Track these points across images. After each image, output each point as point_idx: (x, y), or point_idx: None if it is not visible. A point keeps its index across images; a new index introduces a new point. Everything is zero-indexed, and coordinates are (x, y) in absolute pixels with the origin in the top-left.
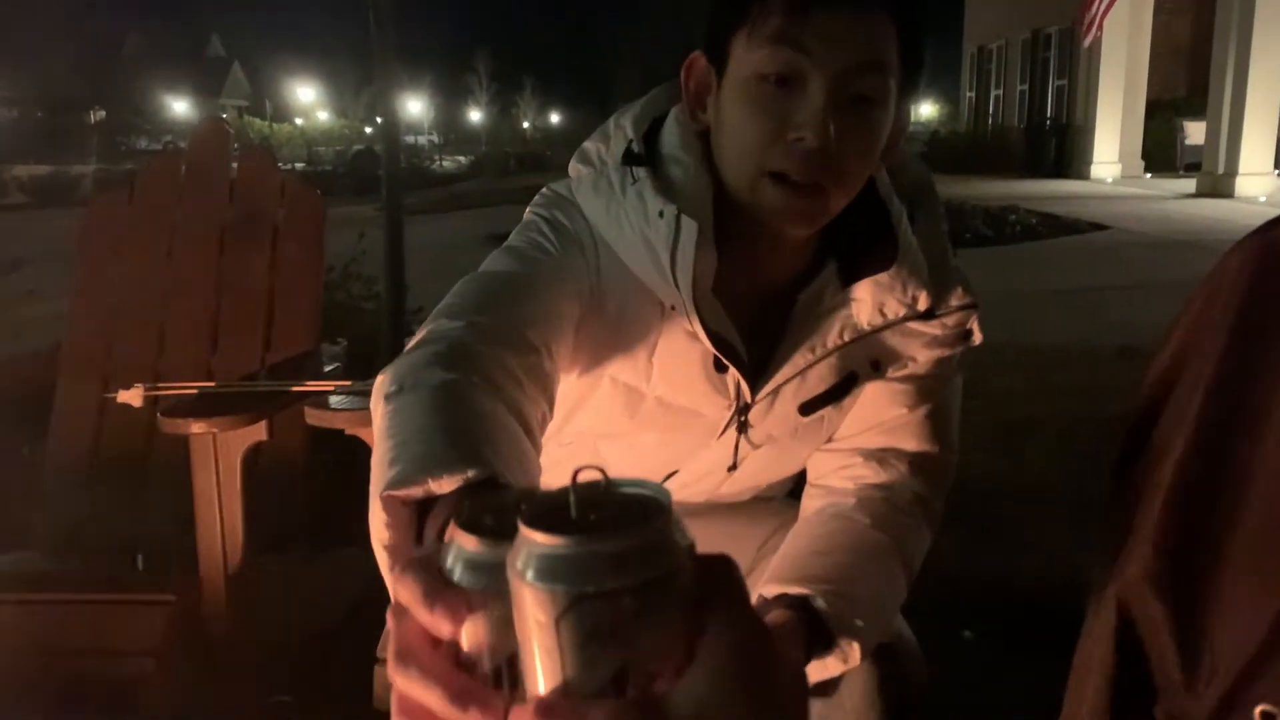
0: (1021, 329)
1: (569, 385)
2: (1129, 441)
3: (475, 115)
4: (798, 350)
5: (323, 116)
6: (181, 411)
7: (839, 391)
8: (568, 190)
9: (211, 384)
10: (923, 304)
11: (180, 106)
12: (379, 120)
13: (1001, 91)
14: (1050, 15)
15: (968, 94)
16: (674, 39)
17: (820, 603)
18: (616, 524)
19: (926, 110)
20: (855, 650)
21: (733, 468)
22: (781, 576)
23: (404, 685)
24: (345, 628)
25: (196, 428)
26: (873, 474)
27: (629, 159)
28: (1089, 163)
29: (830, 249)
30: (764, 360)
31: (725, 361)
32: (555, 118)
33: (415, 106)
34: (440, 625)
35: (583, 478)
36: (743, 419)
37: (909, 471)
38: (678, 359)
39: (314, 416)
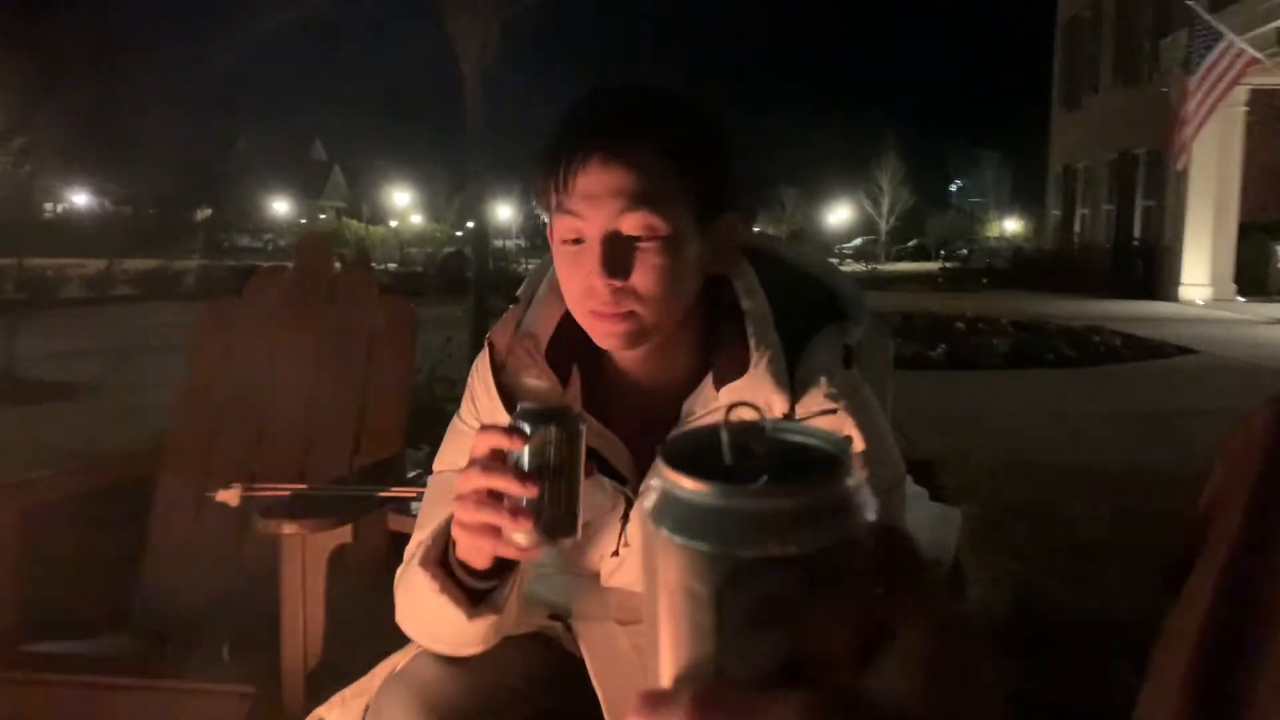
0: (1100, 452)
1: None
2: (1167, 583)
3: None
4: None
5: (415, 220)
6: (275, 513)
7: None
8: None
9: (303, 486)
10: (779, 408)
11: (282, 207)
12: (470, 225)
13: (1088, 210)
14: (1138, 137)
15: (1054, 212)
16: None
17: None
18: (790, 476)
19: (1010, 226)
20: None
21: (616, 553)
22: None
23: (483, 478)
24: None
25: (288, 529)
26: None
27: (512, 300)
28: (1177, 284)
29: (709, 356)
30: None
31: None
32: None
33: (504, 212)
34: (510, 441)
35: (735, 416)
36: (627, 512)
37: None
38: None
39: (396, 522)
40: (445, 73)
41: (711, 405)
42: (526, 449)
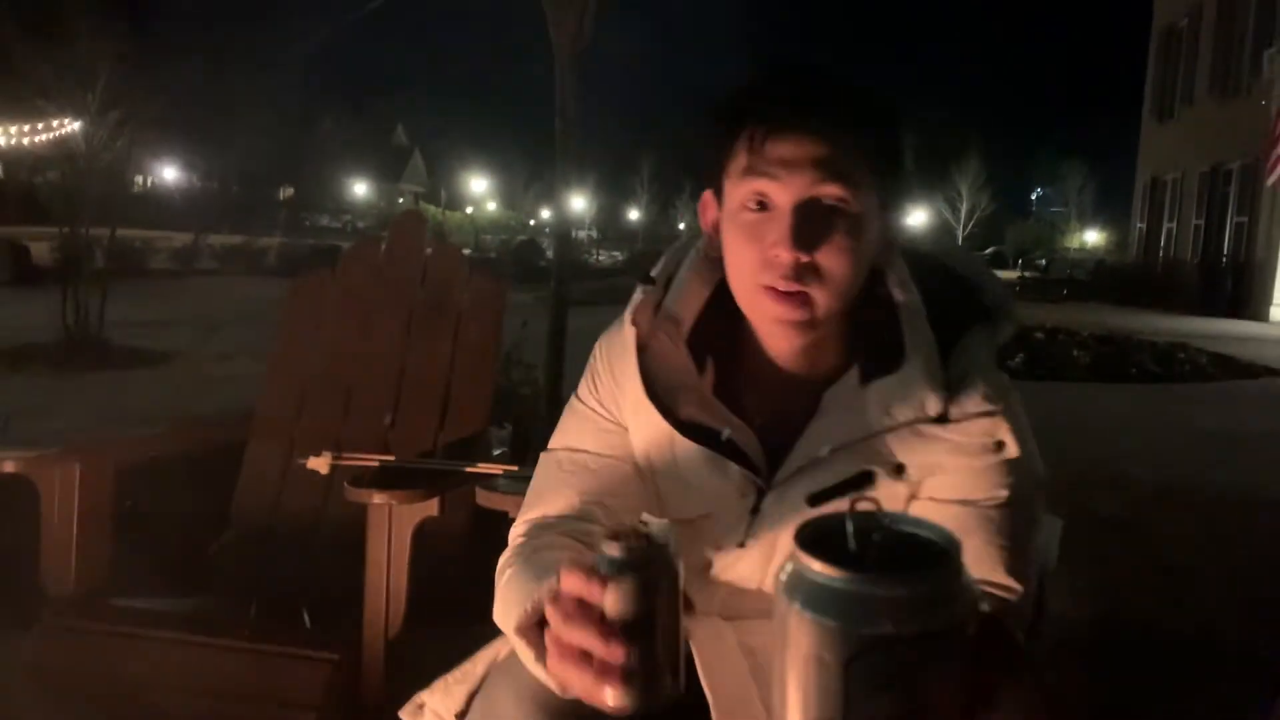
0: (1187, 472)
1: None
2: None
3: (634, 213)
4: (811, 444)
5: (491, 206)
6: (365, 482)
7: (850, 486)
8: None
9: (392, 458)
10: (933, 408)
11: (361, 189)
12: (545, 215)
13: (1175, 224)
14: (1231, 150)
15: (1138, 225)
16: None
17: None
18: (906, 564)
19: (1092, 237)
20: None
21: (742, 544)
22: None
23: (566, 634)
24: None
25: (377, 499)
26: None
27: (644, 279)
28: (1269, 304)
29: (857, 349)
30: (785, 452)
31: (717, 455)
32: None
33: (579, 202)
34: (594, 592)
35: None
36: (757, 504)
37: None
38: (681, 457)
39: (484, 498)
40: (531, 61)
41: (856, 400)
42: (611, 601)
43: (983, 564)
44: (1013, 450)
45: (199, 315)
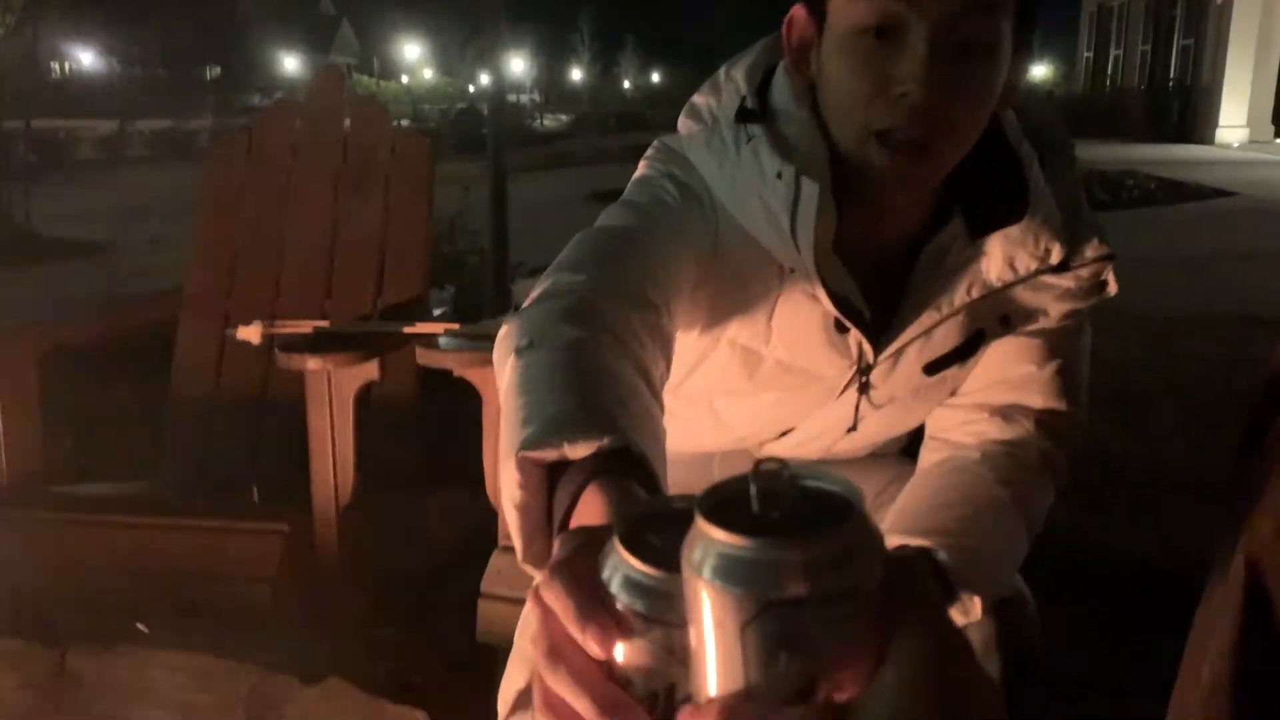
0: (1138, 297)
1: (687, 344)
2: (1258, 413)
3: (577, 74)
4: (923, 309)
5: (428, 74)
6: (298, 349)
7: (966, 351)
8: (679, 146)
9: (326, 323)
10: (1056, 257)
11: (291, 63)
12: (485, 82)
13: (1121, 51)
14: None
15: (1085, 54)
16: None
17: (943, 556)
18: (806, 524)
19: (1040, 71)
20: (976, 605)
21: (852, 428)
22: (903, 528)
23: (553, 684)
24: (451, 565)
25: (312, 364)
26: (997, 430)
27: (742, 115)
28: (1214, 126)
29: (956, 199)
30: (886, 319)
31: (847, 323)
32: (656, 76)
33: (518, 65)
34: (590, 645)
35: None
36: (864, 380)
37: (1035, 428)
38: (798, 321)
39: (424, 356)
40: None
41: (968, 252)
42: (634, 655)
43: (1050, 392)
44: (1113, 288)
45: (131, 204)
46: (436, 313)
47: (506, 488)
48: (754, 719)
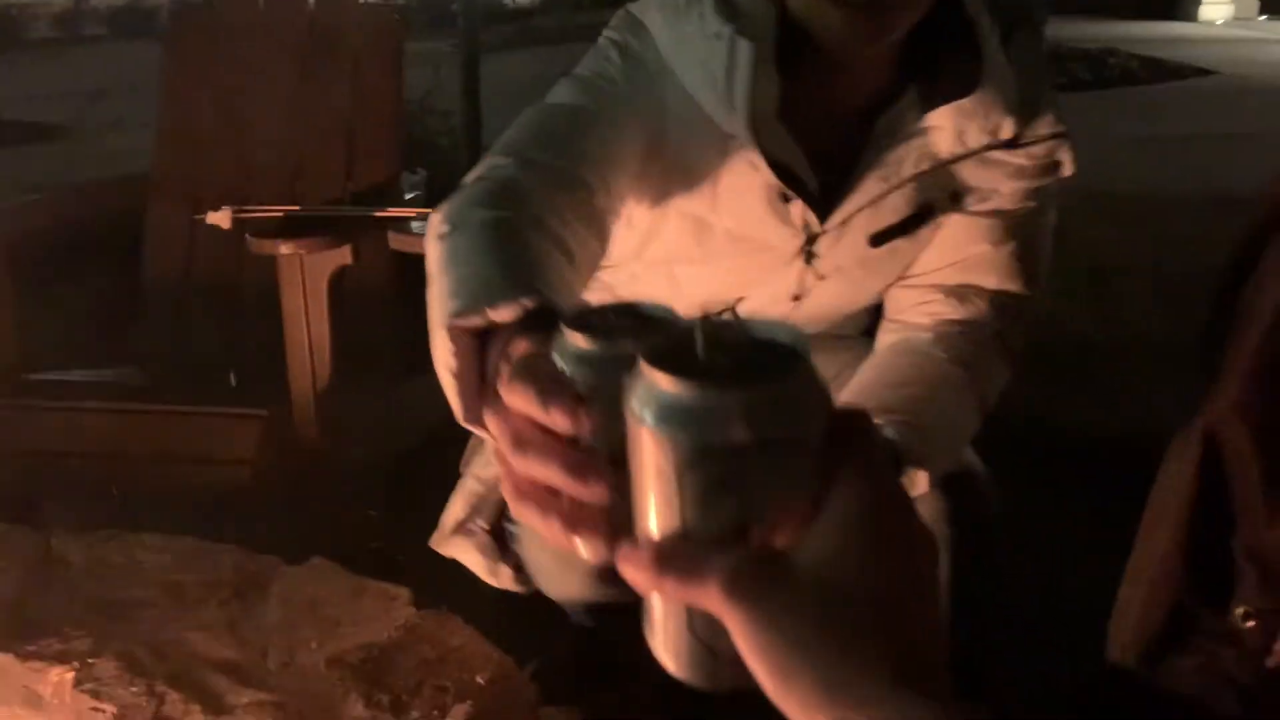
0: (1115, 176)
1: (639, 215)
2: (1225, 287)
3: None
4: (870, 179)
5: None
6: (269, 233)
7: (913, 223)
8: (639, 11)
9: (297, 208)
10: (1006, 132)
11: None
12: None
13: None
14: None
15: None
16: None
17: (889, 431)
18: (749, 372)
19: None
20: (922, 479)
21: (797, 298)
22: None
23: (521, 466)
24: (429, 448)
25: (284, 249)
26: (951, 310)
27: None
28: (1199, 3)
29: (913, 72)
30: (837, 188)
31: (790, 192)
32: None
33: None
34: (557, 420)
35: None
36: (810, 249)
37: (989, 308)
38: (741, 190)
39: (397, 241)
40: None
41: (920, 124)
42: (596, 415)
43: (1005, 272)
44: (1068, 169)
45: (90, 85)
46: (409, 196)
47: (441, 356)
48: (688, 561)
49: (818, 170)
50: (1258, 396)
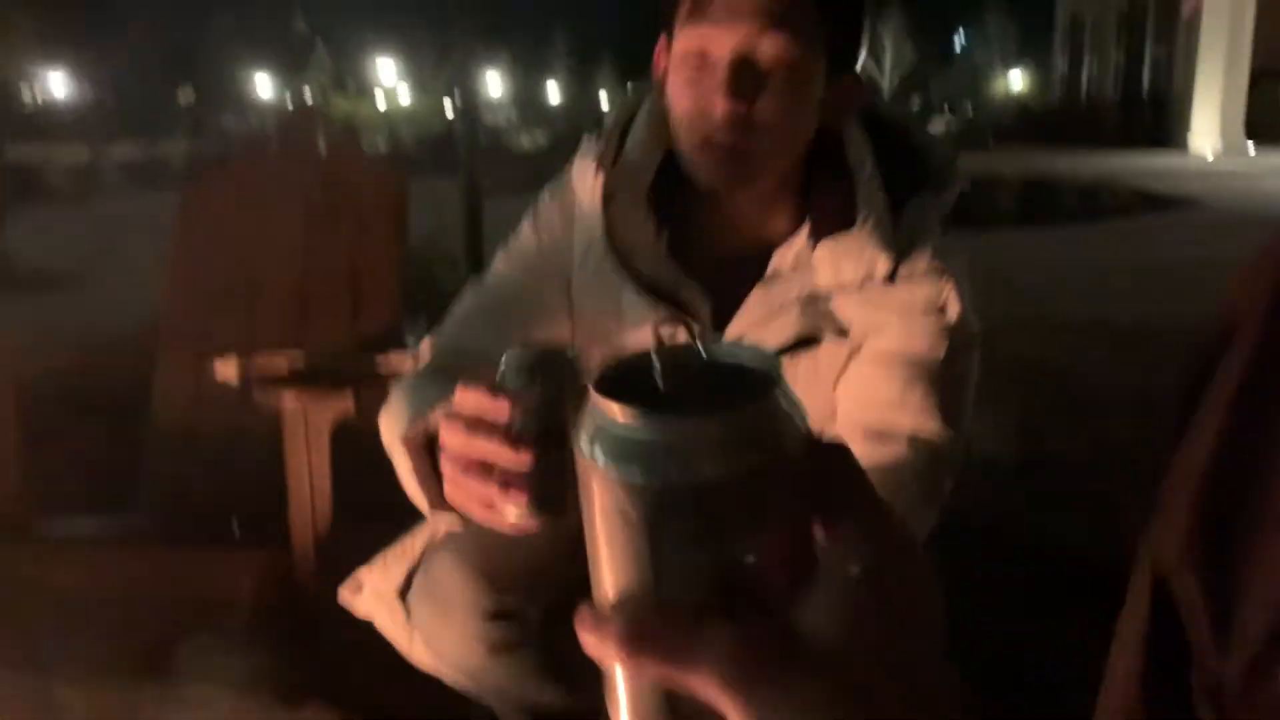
0: (1105, 306)
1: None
2: (1179, 418)
3: (554, 91)
4: (756, 304)
5: (404, 92)
6: (274, 385)
7: (795, 347)
8: (560, 176)
9: (301, 358)
10: (881, 268)
11: (265, 85)
12: (458, 96)
13: (1096, 61)
14: None
15: (1061, 65)
16: None
17: None
18: (720, 398)
19: (1018, 81)
20: None
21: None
22: None
23: (463, 444)
24: None
25: (288, 400)
26: (871, 451)
27: (593, 130)
28: (1187, 134)
29: (809, 212)
30: (731, 314)
31: (681, 315)
32: None
33: (495, 83)
34: (481, 402)
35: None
36: None
37: (908, 450)
38: (636, 318)
39: None
40: None
41: (805, 260)
42: (520, 411)
43: (918, 413)
44: (953, 312)
45: (106, 233)
46: (410, 341)
47: (401, 468)
48: (671, 630)
49: (721, 298)
50: (1203, 535)
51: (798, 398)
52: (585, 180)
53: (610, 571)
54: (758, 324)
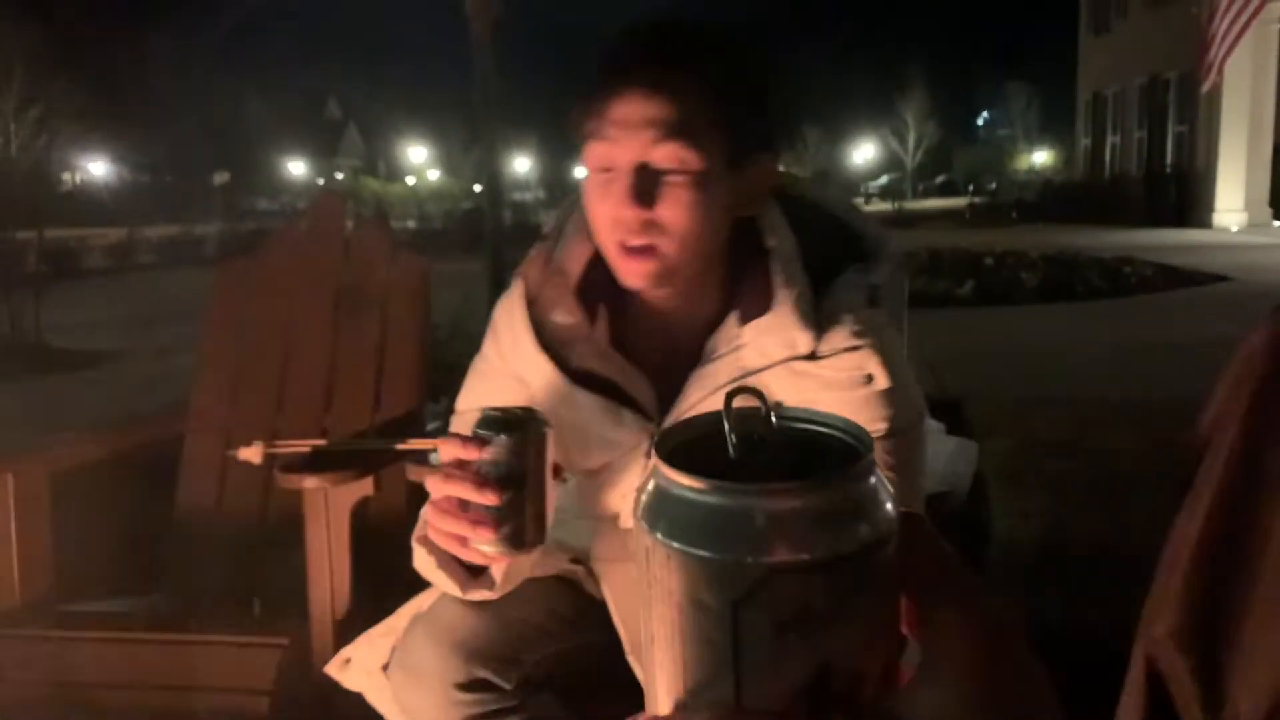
0: (1132, 384)
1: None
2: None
3: (580, 170)
4: (694, 387)
5: (433, 175)
6: (296, 468)
7: None
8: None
9: (323, 442)
10: (803, 346)
11: (298, 167)
12: (485, 179)
13: (1118, 138)
14: (1168, 60)
15: (1083, 141)
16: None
17: None
18: (805, 471)
19: (1040, 158)
20: None
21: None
22: None
23: (442, 488)
24: None
25: (309, 484)
26: None
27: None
28: (1211, 210)
29: (735, 294)
30: (673, 398)
31: (638, 406)
32: None
33: (521, 164)
34: (456, 449)
35: (737, 402)
36: (649, 447)
37: None
38: (580, 413)
39: (414, 472)
40: (458, 23)
41: (735, 342)
42: (488, 457)
43: None
44: (882, 382)
45: (138, 312)
46: (431, 426)
47: (422, 565)
48: None
49: (666, 384)
50: (1192, 621)
51: (883, 477)
52: (514, 292)
53: (676, 669)
54: (699, 407)
